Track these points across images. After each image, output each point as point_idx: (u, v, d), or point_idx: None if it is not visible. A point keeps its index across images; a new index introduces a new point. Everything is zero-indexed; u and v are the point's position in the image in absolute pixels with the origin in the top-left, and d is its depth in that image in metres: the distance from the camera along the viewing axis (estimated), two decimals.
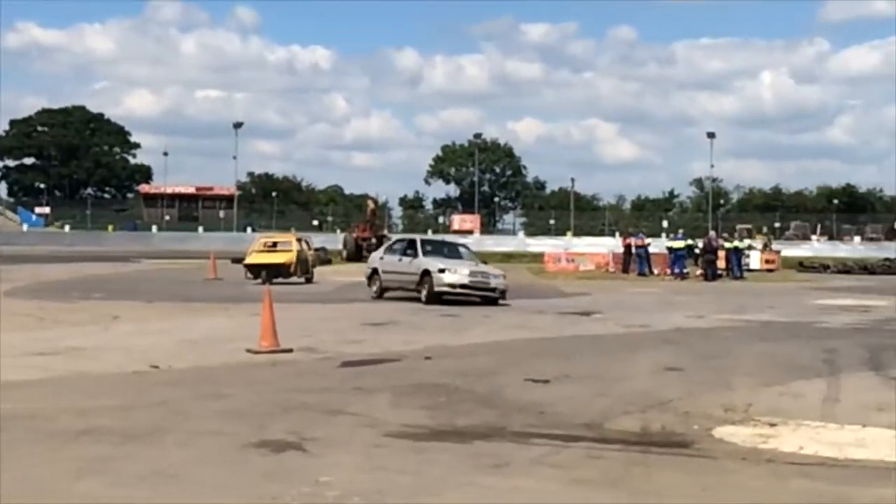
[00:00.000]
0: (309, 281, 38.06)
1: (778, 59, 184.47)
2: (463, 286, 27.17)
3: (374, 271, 30.53)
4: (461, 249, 30.91)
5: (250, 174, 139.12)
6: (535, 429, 10.47)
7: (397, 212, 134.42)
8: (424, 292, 27.46)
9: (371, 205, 68.00)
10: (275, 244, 40.25)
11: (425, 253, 29.11)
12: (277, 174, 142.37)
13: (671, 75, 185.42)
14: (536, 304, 28.93)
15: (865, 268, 58.44)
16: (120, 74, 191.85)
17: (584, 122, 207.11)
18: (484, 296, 27.33)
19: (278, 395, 12.18)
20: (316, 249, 45.32)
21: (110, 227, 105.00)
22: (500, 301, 27.41)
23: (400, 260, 29.38)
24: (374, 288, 30.11)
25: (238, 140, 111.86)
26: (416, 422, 10.69)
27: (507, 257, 71.07)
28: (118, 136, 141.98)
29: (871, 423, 11.04)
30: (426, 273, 27.58)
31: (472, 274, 27.57)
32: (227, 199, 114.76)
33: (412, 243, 30.54)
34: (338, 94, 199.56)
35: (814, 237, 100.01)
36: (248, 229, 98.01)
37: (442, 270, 27.33)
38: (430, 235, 44.91)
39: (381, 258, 30.87)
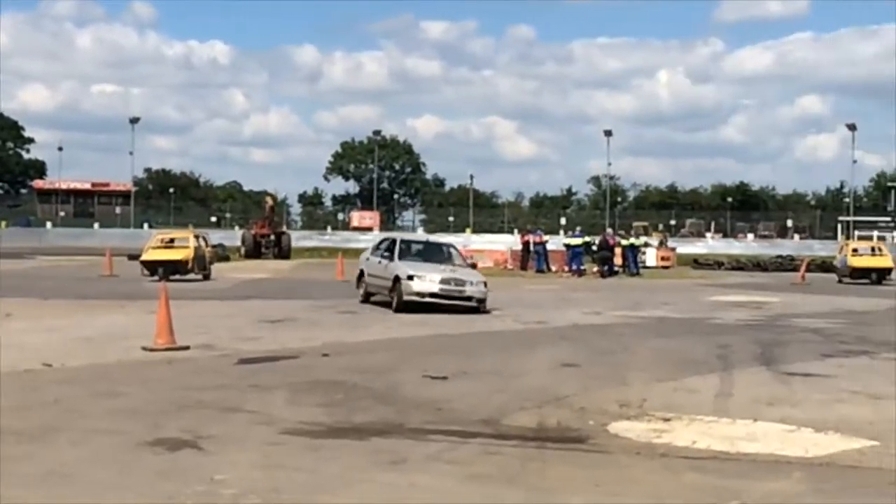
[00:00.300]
0: (206, 278, 37.74)
1: (674, 58, 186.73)
2: (433, 295, 23.96)
3: (361, 273, 27.97)
4: (448, 251, 27.74)
5: (147, 170, 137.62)
6: (432, 425, 10.51)
7: (296, 208, 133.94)
8: (394, 301, 24.63)
9: (270, 201, 67.63)
10: (172, 241, 39.85)
11: (402, 255, 26.02)
12: (175, 170, 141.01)
13: (569, 74, 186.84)
14: None
15: (758, 265, 59.42)
16: (13, 68, 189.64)
17: (484, 119, 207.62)
18: (458, 305, 23.93)
19: (174, 393, 12.08)
20: (214, 246, 44.97)
21: (3, 224, 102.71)
22: (481, 309, 24.15)
23: (379, 262, 26.52)
24: (361, 291, 27.62)
25: (135, 135, 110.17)
26: (313, 419, 10.67)
27: None
28: (11, 130, 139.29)
29: (763, 417, 11.25)
30: (397, 280, 24.59)
31: (444, 281, 24.18)
32: (124, 195, 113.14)
33: (392, 244, 27.42)
34: (236, 89, 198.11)
35: (708, 235, 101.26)
36: (146, 226, 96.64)
37: (411, 277, 24.17)
38: (417, 235, 42.93)
39: (367, 259, 28.15)
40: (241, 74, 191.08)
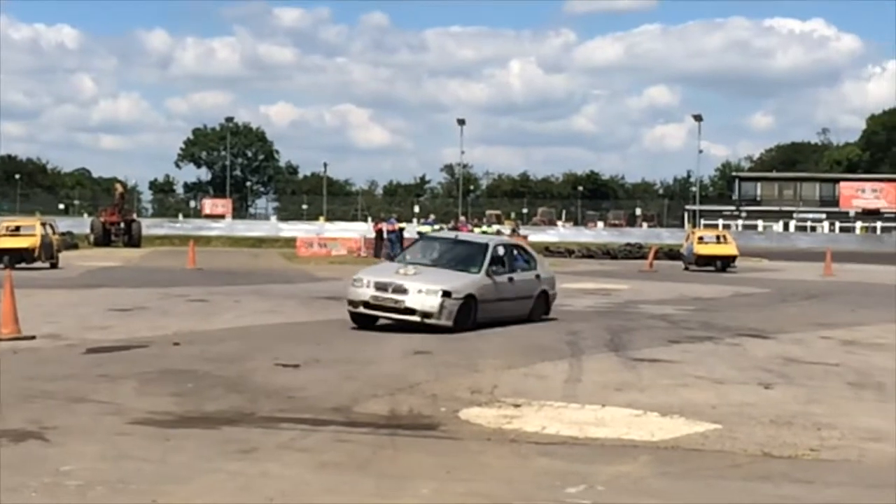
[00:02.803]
0: (54, 266, 37.05)
1: (527, 48, 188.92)
2: (365, 304, 18.45)
3: None
4: (478, 252, 19.69)
5: None
6: (283, 413, 10.48)
7: (147, 196, 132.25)
8: None
9: (119, 188, 66.67)
10: (18, 228, 39.02)
11: (405, 257, 20.66)
12: (21, 156, 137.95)
13: (423, 62, 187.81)
14: (288, 288, 28.86)
15: (608, 253, 60.23)
16: None
17: (337, 107, 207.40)
18: (395, 319, 18.29)
19: (19, 384, 11.83)
20: (61, 234, 44.13)
21: None
22: (436, 326, 17.89)
23: None
24: None
25: None
26: (163, 408, 10.56)
27: (260, 242, 70.79)
28: None
29: (611, 402, 11.45)
30: None
31: (380, 287, 18.28)
32: None
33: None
34: (85, 74, 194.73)
35: (560, 223, 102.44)
36: None
37: (355, 282, 18.89)
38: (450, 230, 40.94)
39: None
40: (90, 59, 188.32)
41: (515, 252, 21.12)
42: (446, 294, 18.12)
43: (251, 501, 7.34)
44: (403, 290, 18.24)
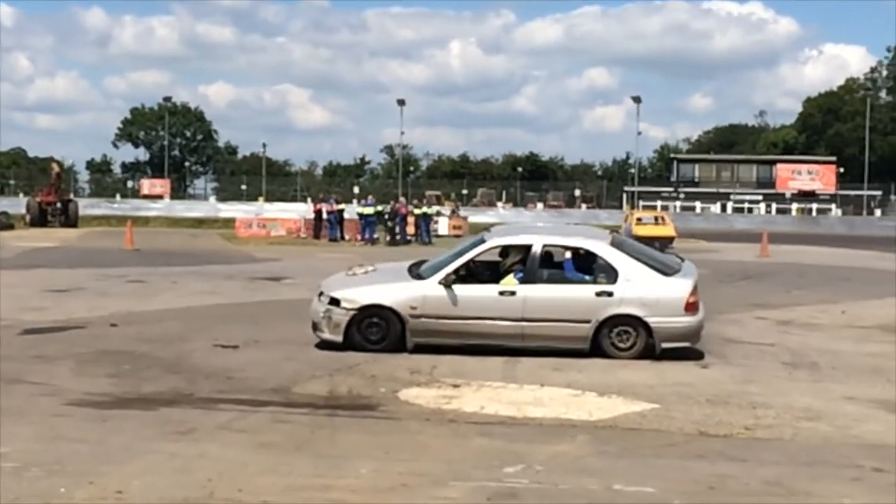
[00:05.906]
0: None
1: (466, 29, 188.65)
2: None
3: None
4: (456, 252, 15.25)
5: None
6: (222, 394, 10.47)
7: (84, 176, 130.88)
8: None
9: (56, 168, 65.80)
10: None
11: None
12: None
13: (363, 42, 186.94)
14: (227, 269, 28.71)
15: None
16: None
17: (277, 87, 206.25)
18: None
19: None
20: None
21: None
22: (318, 334, 14.00)
23: None
24: None
25: None
26: (100, 390, 10.51)
27: (199, 223, 70.35)
28: None
29: (549, 382, 11.52)
30: None
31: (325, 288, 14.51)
32: None
33: None
34: (20, 53, 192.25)
35: (499, 204, 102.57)
36: None
37: None
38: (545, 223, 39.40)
39: None
40: (26, 37, 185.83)
41: (567, 256, 14.99)
42: (334, 302, 14.01)
43: (189, 482, 7.33)
44: (319, 295, 14.48)
